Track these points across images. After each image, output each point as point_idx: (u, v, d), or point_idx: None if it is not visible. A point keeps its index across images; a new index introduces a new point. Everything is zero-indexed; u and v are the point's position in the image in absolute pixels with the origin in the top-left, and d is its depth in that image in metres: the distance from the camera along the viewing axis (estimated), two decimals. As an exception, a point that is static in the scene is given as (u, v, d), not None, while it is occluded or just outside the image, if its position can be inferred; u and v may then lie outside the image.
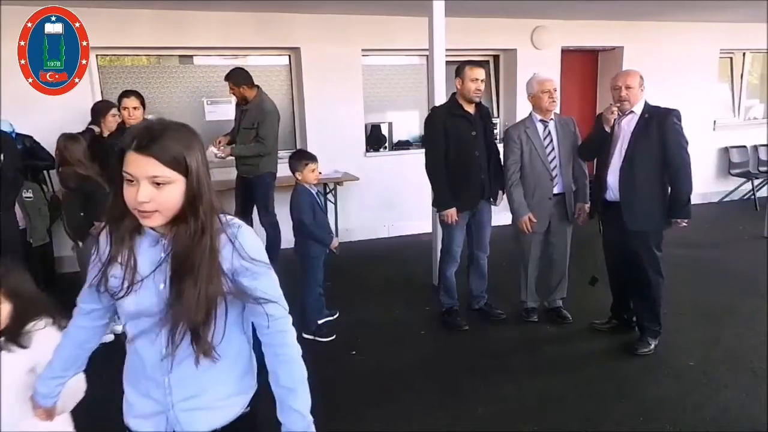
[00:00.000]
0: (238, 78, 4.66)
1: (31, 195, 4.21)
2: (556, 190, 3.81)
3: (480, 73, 3.71)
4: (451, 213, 3.75)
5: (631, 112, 3.44)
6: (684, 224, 3.43)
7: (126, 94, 4.04)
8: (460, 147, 3.72)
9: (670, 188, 3.40)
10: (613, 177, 3.49)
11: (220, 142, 4.83)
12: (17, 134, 4.44)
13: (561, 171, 3.80)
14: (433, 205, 4.06)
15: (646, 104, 3.45)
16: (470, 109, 3.76)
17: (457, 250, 3.94)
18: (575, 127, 3.90)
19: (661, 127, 3.33)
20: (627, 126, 3.45)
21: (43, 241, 4.35)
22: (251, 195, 4.93)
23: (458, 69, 3.75)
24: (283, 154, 6.13)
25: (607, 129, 3.51)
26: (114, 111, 4.41)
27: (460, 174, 3.75)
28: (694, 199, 3.42)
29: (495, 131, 4.09)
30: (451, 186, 3.75)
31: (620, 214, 3.44)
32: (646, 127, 3.37)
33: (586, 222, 3.92)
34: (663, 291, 3.56)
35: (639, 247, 3.47)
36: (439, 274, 4.13)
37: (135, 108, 3.95)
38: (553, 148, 3.78)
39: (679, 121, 3.36)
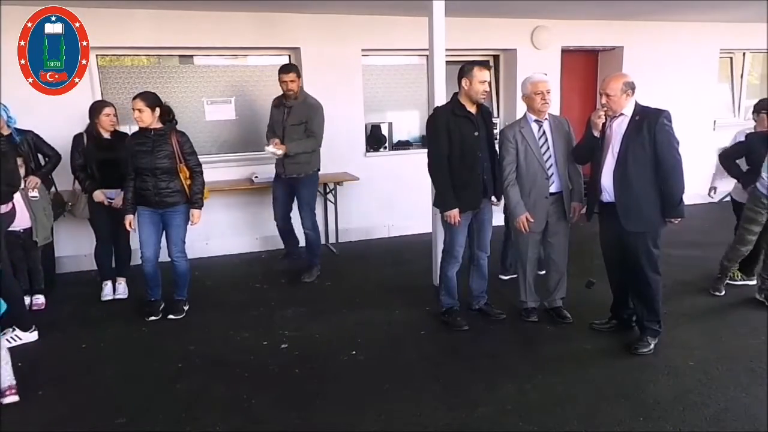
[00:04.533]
0: (298, 69, 4.77)
1: (36, 194, 4.21)
2: (552, 189, 3.81)
3: (488, 74, 3.73)
4: (454, 213, 3.74)
5: (621, 114, 3.44)
6: (676, 223, 3.45)
7: (136, 96, 3.96)
8: (464, 147, 3.71)
9: (662, 188, 3.39)
10: (606, 179, 3.49)
11: (276, 143, 4.67)
12: (18, 130, 4.43)
13: (557, 170, 3.80)
14: (435, 206, 4.05)
15: (637, 105, 3.44)
16: (472, 109, 3.76)
17: (459, 251, 3.93)
18: (570, 128, 3.91)
19: (651, 129, 3.32)
20: (618, 128, 3.45)
21: (47, 240, 4.35)
22: (297, 195, 4.92)
23: (465, 69, 3.71)
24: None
25: (596, 134, 3.53)
26: (107, 111, 4.38)
27: (463, 174, 3.74)
28: (695, 198, 3.43)
29: (495, 131, 4.08)
30: (454, 186, 3.74)
31: (616, 214, 3.45)
32: (637, 128, 3.37)
33: (581, 220, 3.93)
34: (661, 289, 3.56)
35: (636, 247, 3.47)
36: (440, 273, 4.12)
37: (140, 110, 3.87)
38: (549, 148, 3.78)
39: (670, 121, 3.36)
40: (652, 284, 3.51)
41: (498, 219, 4.19)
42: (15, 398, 3.13)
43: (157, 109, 3.97)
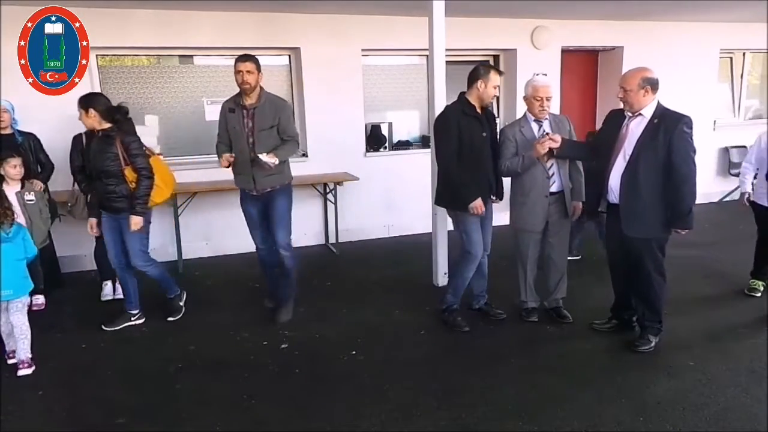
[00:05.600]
0: (258, 62, 3.94)
1: (32, 198, 4.19)
2: (553, 189, 3.80)
3: (500, 79, 3.74)
4: (479, 203, 3.68)
5: (640, 114, 3.35)
6: (683, 234, 3.38)
7: None
8: (474, 147, 3.69)
9: (672, 197, 3.29)
10: (614, 180, 3.42)
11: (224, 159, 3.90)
12: (21, 132, 4.43)
13: (557, 170, 3.79)
14: (447, 206, 3.92)
15: (659, 107, 3.33)
16: (478, 109, 3.76)
17: (479, 249, 3.85)
18: (570, 126, 3.89)
19: (668, 134, 3.22)
20: (635, 129, 3.36)
21: (44, 243, 4.35)
22: (271, 211, 4.08)
23: (482, 72, 3.67)
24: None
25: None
26: None
27: (472, 173, 3.72)
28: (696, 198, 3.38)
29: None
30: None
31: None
32: (653, 133, 3.27)
33: (578, 218, 3.92)
34: (665, 292, 3.56)
35: (641, 251, 3.43)
36: (455, 273, 4.03)
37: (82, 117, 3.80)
38: (548, 147, 3.77)
39: (690, 128, 3.24)
40: (657, 287, 3.49)
41: (500, 219, 4.18)
42: (29, 371, 3.45)
43: (91, 110, 3.71)
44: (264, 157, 3.78)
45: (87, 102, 3.76)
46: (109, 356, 3.71)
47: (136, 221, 3.82)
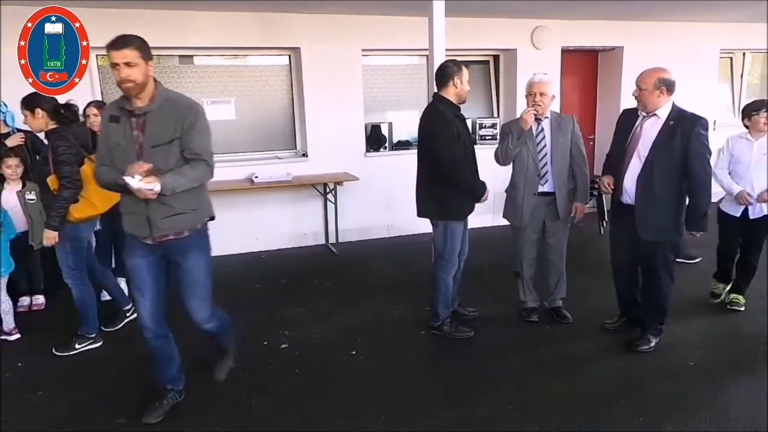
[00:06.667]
0: (143, 46, 2.52)
1: (34, 197, 4.18)
2: (545, 189, 3.78)
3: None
4: (487, 192, 3.67)
5: (654, 115, 3.32)
6: (698, 236, 3.38)
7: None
8: (465, 148, 3.63)
9: (688, 200, 3.29)
10: (629, 182, 3.39)
11: (139, 168, 2.42)
12: (18, 130, 4.43)
13: (551, 169, 3.76)
14: (440, 217, 3.70)
15: (674, 108, 3.31)
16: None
17: (456, 256, 3.81)
18: (574, 125, 3.85)
19: (684, 137, 3.20)
20: (650, 129, 3.33)
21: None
22: (180, 271, 2.76)
23: (455, 69, 3.56)
24: (283, 155, 6.20)
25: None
26: (89, 110, 4.34)
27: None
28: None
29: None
30: (458, 191, 3.62)
31: (635, 217, 3.37)
32: (669, 135, 3.24)
33: (582, 221, 3.90)
34: (672, 294, 3.56)
35: (654, 253, 3.41)
36: (437, 286, 3.81)
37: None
38: (545, 146, 3.76)
39: (706, 130, 3.23)
40: (665, 289, 3.48)
41: (498, 220, 4.18)
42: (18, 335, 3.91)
43: (38, 110, 3.45)
44: (134, 181, 2.38)
45: (32, 102, 3.48)
46: (109, 356, 3.71)
47: (47, 236, 3.37)
